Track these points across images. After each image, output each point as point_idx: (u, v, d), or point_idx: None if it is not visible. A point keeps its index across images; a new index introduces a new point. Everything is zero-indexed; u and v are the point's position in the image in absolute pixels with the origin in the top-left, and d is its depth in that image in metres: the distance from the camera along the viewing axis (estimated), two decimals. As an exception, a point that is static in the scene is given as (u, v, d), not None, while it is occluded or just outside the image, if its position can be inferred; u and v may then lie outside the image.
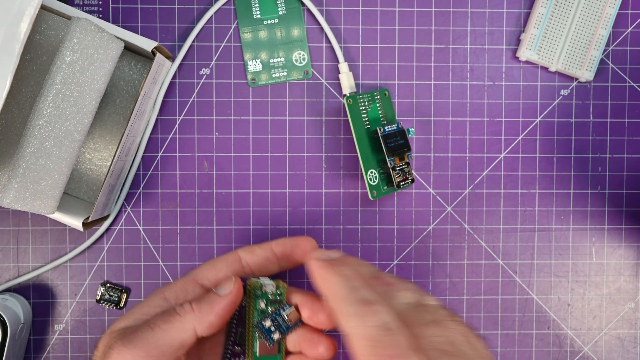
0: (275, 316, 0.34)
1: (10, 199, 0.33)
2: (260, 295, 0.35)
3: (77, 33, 0.32)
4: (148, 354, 0.30)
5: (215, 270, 0.35)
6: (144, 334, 0.30)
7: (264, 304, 0.35)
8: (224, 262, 0.35)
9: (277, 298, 0.35)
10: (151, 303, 0.33)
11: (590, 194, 0.44)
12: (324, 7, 0.43)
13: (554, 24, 0.42)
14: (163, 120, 0.43)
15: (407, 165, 0.41)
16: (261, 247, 0.36)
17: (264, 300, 0.35)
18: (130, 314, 0.33)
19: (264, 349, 0.34)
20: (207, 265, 0.35)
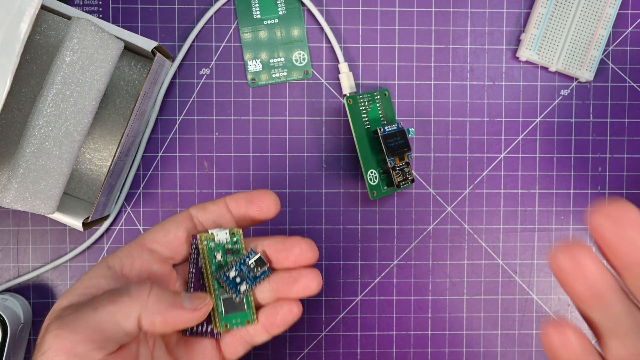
0: (240, 265, 0.31)
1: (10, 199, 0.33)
2: (214, 247, 0.32)
3: (77, 33, 0.32)
4: (89, 339, 0.26)
5: (165, 231, 0.31)
6: (86, 316, 0.26)
7: (220, 256, 0.32)
8: (173, 222, 0.32)
9: (233, 247, 0.32)
10: (94, 273, 0.30)
11: (590, 194, 0.44)
12: (324, 7, 0.43)
13: (554, 24, 0.42)
14: (163, 120, 0.43)
15: (407, 165, 0.41)
16: (214, 204, 0.32)
17: (219, 252, 0.32)
18: (74, 289, 0.29)
19: (230, 306, 0.32)
20: (156, 227, 0.32)
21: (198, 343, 0.32)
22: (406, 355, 0.43)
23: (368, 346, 0.43)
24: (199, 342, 0.32)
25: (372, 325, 0.43)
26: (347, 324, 0.43)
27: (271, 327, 0.33)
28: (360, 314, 0.43)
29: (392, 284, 0.43)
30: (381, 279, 0.43)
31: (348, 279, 0.43)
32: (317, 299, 0.43)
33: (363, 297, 0.43)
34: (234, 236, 0.32)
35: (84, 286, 0.29)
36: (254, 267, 0.32)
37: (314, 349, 0.43)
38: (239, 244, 0.32)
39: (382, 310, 0.43)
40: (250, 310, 0.33)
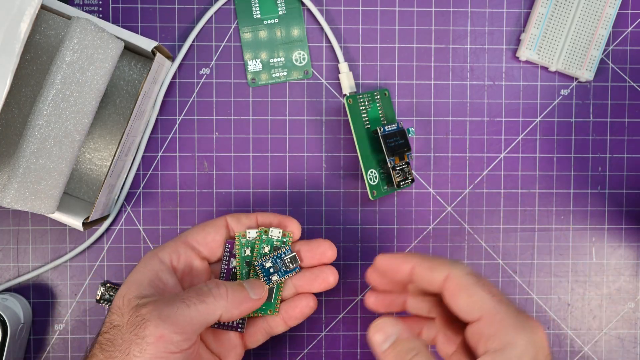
0: (275, 258, 0.37)
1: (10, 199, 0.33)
2: (265, 240, 0.37)
3: (77, 33, 0.32)
4: (183, 330, 0.31)
5: (205, 233, 0.37)
6: (181, 311, 0.31)
7: (268, 249, 0.38)
8: (212, 227, 0.37)
9: (281, 245, 0.38)
10: (151, 266, 0.35)
11: (590, 194, 0.44)
12: (324, 7, 0.43)
13: (554, 24, 0.42)
14: (163, 120, 0.43)
15: (407, 165, 0.41)
16: (248, 217, 0.38)
17: (268, 245, 0.38)
18: (139, 280, 0.34)
19: None
20: (197, 229, 0.37)
21: (225, 333, 0.37)
22: (406, 355, 0.43)
23: (368, 346, 0.43)
24: (226, 332, 0.37)
25: (372, 325, 0.43)
26: (347, 324, 0.43)
27: (289, 319, 0.38)
28: (360, 314, 0.43)
29: (392, 284, 0.43)
30: (381, 279, 0.43)
31: (348, 279, 0.43)
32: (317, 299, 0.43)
33: (363, 296, 0.43)
34: (285, 237, 0.38)
35: (149, 279, 0.34)
36: (288, 262, 0.37)
37: (314, 349, 0.43)
38: (286, 245, 0.38)
39: (382, 310, 0.43)
40: (275, 302, 0.38)
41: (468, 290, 0.31)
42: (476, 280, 0.31)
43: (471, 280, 0.31)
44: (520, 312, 0.30)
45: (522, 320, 0.29)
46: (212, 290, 0.33)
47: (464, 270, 0.31)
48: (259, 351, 0.43)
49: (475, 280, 0.31)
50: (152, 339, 0.30)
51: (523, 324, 0.29)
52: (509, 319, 0.29)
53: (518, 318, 0.29)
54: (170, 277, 0.35)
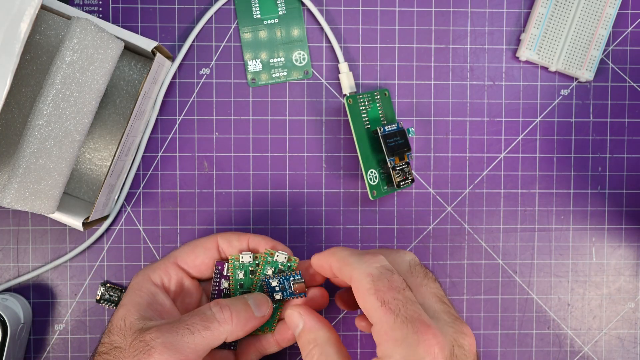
0: (283, 279, 0.36)
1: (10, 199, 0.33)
2: (270, 262, 0.37)
3: (77, 33, 0.32)
4: (187, 358, 0.31)
5: (194, 255, 0.37)
6: (186, 338, 0.31)
7: (271, 272, 0.37)
8: (202, 248, 0.37)
9: (285, 268, 0.37)
10: (145, 289, 0.35)
11: (590, 194, 0.44)
12: (324, 7, 0.43)
13: (554, 24, 0.42)
14: (163, 120, 0.43)
15: (407, 165, 0.41)
16: (239, 240, 0.37)
17: (272, 268, 0.37)
18: (135, 303, 0.34)
19: None
20: (186, 249, 0.37)
21: (219, 351, 0.37)
22: (406, 355, 0.43)
23: (368, 346, 0.43)
24: (220, 351, 0.37)
25: (372, 325, 0.43)
26: (347, 324, 0.43)
27: (283, 341, 0.38)
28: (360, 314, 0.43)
29: (392, 284, 0.43)
30: (381, 279, 0.43)
31: (348, 279, 0.43)
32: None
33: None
34: (290, 262, 0.37)
35: (147, 302, 0.34)
36: (294, 286, 0.36)
37: (314, 349, 0.43)
38: (291, 270, 0.37)
39: (382, 310, 0.43)
40: (273, 320, 0.37)
41: (362, 296, 0.30)
42: (372, 285, 0.29)
43: (366, 285, 0.30)
44: (411, 322, 0.28)
45: (405, 333, 0.28)
46: (217, 315, 0.33)
47: (365, 271, 0.30)
48: (259, 351, 0.43)
49: (370, 285, 0.29)
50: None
51: (404, 338, 0.28)
52: (391, 332, 0.28)
53: (402, 331, 0.28)
54: (165, 299, 0.35)
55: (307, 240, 0.43)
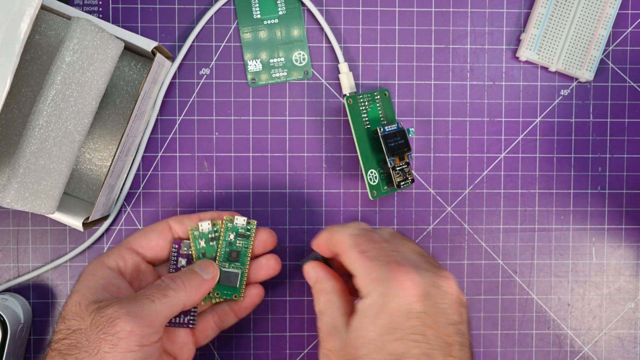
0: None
1: (10, 199, 0.33)
2: (230, 228, 0.38)
3: (77, 33, 0.32)
4: (151, 324, 0.32)
5: (147, 239, 0.37)
6: (147, 306, 0.32)
7: (233, 236, 0.39)
8: (154, 232, 0.38)
9: (246, 232, 0.39)
10: (99, 274, 0.35)
11: (590, 194, 0.44)
12: (324, 7, 0.43)
13: (554, 24, 0.42)
14: (163, 120, 0.43)
15: (407, 165, 0.41)
16: (190, 219, 0.39)
17: (233, 233, 0.38)
18: (89, 287, 0.34)
19: (225, 279, 0.38)
20: (139, 234, 0.38)
21: (176, 330, 0.38)
22: (406, 355, 0.43)
23: (368, 346, 0.43)
24: (177, 330, 0.38)
25: (372, 325, 0.43)
26: (347, 324, 0.43)
27: (240, 311, 0.39)
28: (360, 314, 0.43)
29: (392, 284, 0.43)
30: (381, 279, 0.43)
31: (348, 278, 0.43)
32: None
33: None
34: (249, 224, 0.39)
35: (102, 285, 0.34)
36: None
37: (314, 349, 0.43)
38: (251, 232, 0.39)
39: (382, 310, 0.43)
40: (240, 287, 0.38)
41: (345, 253, 0.33)
42: (353, 241, 0.33)
43: (349, 242, 0.33)
44: (387, 264, 0.31)
45: (384, 273, 0.31)
46: (170, 285, 0.34)
47: (347, 232, 0.34)
48: (259, 351, 0.43)
49: (352, 241, 0.33)
50: (123, 334, 0.31)
51: (383, 277, 0.31)
52: (372, 273, 0.31)
53: (381, 271, 0.31)
54: (121, 282, 0.35)
55: (307, 241, 0.43)
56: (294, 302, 0.43)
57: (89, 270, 0.35)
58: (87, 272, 0.35)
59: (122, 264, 0.36)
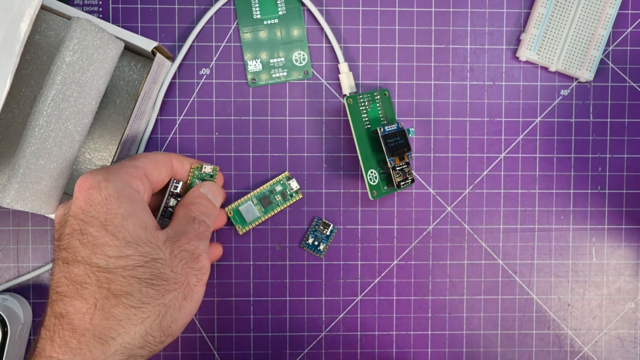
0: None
1: (10, 199, 0.33)
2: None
3: (77, 33, 0.32)
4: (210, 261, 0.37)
5: (159, 171, 0.37)
6: (207, 244, 0.36)
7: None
8: (164, 166, 0.38)
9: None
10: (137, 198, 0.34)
11: (590, 194, 0.44)
12: (324, 7, 0.43)
13: (554, 24, 0.42)
14: (163, 120, 0.43)
15: (407, 165, 0.41)
16: (189, 161, 0.40)
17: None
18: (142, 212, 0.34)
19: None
20: (151, 164, 0.37)
21: None
22: (406, 355, 0.43)
23: (368, 346, 0.43)
24: None
25: (372, 325, 0.43)
26: (347, 324, 0.43)
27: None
28: (360, 314, 0.43)
29: (392, 284, 0.43)
30: (381, 279, 0.43)
31: (348, 279, 0.43)
32: (317, 299, 0.43)
33: (363, 297, 0.43)
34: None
35: (147, 210, 0.34)
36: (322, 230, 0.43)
37: (314, 349, 0.43)
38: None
39: (382, 310, 0.43)
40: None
41: None
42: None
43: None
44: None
45: None
46: (208, 222, 0.37)
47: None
48: (259, 351, 0.43)
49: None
50: (205, 269, 0.34)
51: None
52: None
53: None
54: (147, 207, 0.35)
55: (307, 240, 0.43)
56: (294, 302, 0.43)
57: (127, 193, 0.33)
58: (124, 195, 0.33)
59: (143, 190, 0.35)
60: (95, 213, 0.32)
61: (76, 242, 0.31)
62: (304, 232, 0.43)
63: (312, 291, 0.43)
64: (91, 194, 0.32)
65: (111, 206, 0.32)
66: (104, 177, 0.33)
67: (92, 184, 0.32)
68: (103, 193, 0.32)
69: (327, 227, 0.42)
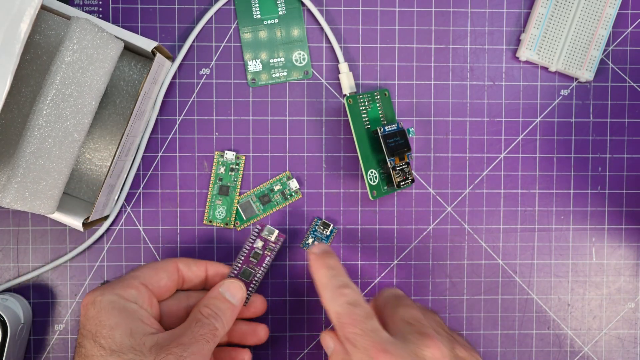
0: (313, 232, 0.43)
1: (10, 199, 0.33)
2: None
3: (77, 33, 0.32)
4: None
5: (158, 278, 0.38)
6: (206, 347, 0.34)
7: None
8: (164, 271, 0.38)
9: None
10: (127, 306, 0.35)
11: (590, 194, 0.44)
12: (324, 7, 0.43)
13: (554, 24, 0.42)
14: (163, 120, 0.43)
15: (407, 165, 0.41)
16: (197, 265, 0.39)
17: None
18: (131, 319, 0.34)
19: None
20: (150, 272, 0.38)
21: None
22: (406, 355, 0.43)
23: (368, 346, 0.43)
24: None
25: (372, 325, 0.43)
26: (347, 324, 0.43)
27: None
28: (360, 314, 0.43)
29: (392, 284, 0.43)
30: (381, 279, 0.43)
31: (348, 279, 0.43)
32: (317, 299, 0.43)
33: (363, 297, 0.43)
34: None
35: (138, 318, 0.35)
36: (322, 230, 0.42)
37: (314, 349, 0.43)
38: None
39: (382, 310, 0.43)
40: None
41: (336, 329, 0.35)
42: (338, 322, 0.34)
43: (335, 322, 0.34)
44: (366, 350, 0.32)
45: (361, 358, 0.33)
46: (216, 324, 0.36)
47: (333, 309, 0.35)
48: (259, 352, 0.43)
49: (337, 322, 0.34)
50: None
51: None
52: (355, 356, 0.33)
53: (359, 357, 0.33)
54: (145, 313, 0.36)
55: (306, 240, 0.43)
56: (294, 302, 0.43)
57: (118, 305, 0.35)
58: (114, 308, 0.35)
59: (140, 297, 0.36)
60: (90, 327, 0.34)
61: (76, 355, 0.34)
62: (304, 232, 0.43)
63: (312, 291, 0.43)
64: (88, 309, 0.35)
65: (102, 318, 0.34)
66: (100, 292, 0.35)
67: (89, 300, 0.35)
68: (96, 307, 0.34)
69: (327, 227, 0.42)
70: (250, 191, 0.42)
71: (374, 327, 0.33)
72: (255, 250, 0.40)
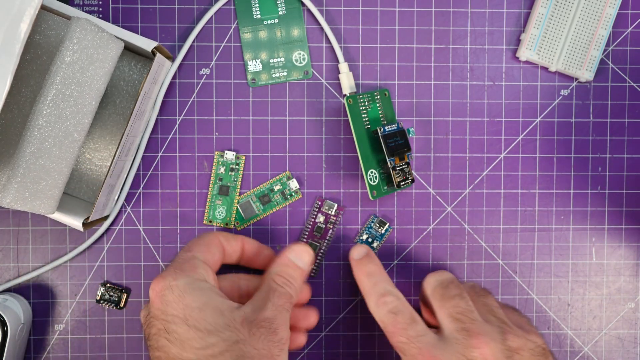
0: (368, 229, 0.43)
1: (10, 199, 0.33)
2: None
3: (77, 33, 0.32)
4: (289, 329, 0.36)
5: (211, 254, 0.38)
6: (287, 315, 0.35)
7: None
8: (215, 247, 0.38)
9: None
10: (206, 287, 0.35)
11: (590, 194, 0.44)
12: (324, 7, 0.43)
13: (554, 24, 0.42)
14: (163, 120, 0.43)
15: (407, 165, 0.41)
16: (235, 240, 0.40)
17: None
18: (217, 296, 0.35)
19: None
20: (203, 249, 0.38)
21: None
22: (406, 355, 0.43)
23: (368, 346, 0.43)
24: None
25: (372, 325, 0.43)
26: (347, 324, 0.43)
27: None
28: (360, 314, 0.43)
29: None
30: (381, 279, 0.43)
31: (348, 279, 0.43)
32: (317, 299, 0.43)
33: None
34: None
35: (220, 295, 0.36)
36: (377, 228, 0.43)
37: (314, 349, 0.43)
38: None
39: (382, 310, 0.43)
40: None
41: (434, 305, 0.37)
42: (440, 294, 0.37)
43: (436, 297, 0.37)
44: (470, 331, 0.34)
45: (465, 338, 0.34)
46: (291, 292, 0.36)
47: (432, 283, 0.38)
48: (259, 351, 0.43)
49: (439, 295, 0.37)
50: (285, 340, 0.34)
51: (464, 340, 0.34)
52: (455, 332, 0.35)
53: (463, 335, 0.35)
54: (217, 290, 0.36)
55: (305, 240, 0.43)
56: (294, 302, 0.43)
57: (196, 286, 0.35)
58: (194, 289, 0.35)
59: (208, 276, 0.36)
60: (174, 311, 0.34)
61: (164, 341, 0.33)
62: (302, 232, 0.43)
63: (312, 291, 0.43)
64: (165, 295, 0.34)
65: (186, 301, 0.34)
66: (172, 276, 0.35)
67: (163, 285, 0.35)
68: (175, 292, 0.34)
69: (383, 225, 0.43)
70: (250, 191, 0.42)
71: (418, 333, 0.35)
72: (318, 224, 0.42)
